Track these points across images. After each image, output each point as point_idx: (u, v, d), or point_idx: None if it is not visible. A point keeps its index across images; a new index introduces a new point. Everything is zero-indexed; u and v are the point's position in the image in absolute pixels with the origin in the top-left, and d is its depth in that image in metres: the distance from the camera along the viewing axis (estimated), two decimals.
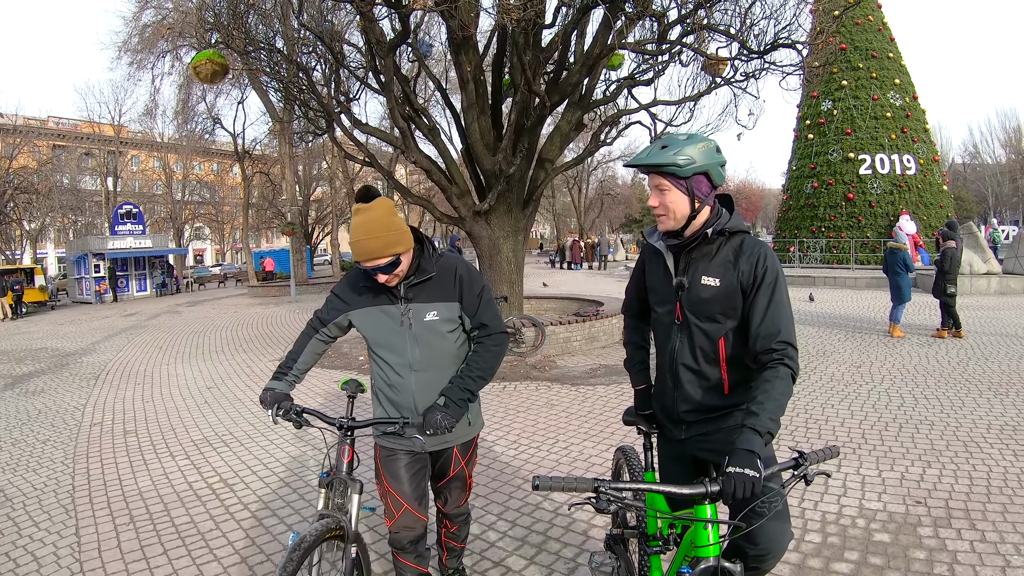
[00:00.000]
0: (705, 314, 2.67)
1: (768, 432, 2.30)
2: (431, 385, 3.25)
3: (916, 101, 29.03)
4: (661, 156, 2.57)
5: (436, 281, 3.24)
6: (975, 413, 7.42)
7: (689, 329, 2.73)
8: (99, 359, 14.09)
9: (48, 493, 6.09)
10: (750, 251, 2.62)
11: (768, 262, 2.59)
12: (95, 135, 52.03)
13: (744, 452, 2.22)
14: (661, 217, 2.72)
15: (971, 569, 4.05)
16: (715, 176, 2.62)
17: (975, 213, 62.11)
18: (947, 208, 28.51)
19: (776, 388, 2.40)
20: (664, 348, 2.89)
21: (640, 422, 3.19)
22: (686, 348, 2.75)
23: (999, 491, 5.22)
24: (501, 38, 12.59)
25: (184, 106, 35.74)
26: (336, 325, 3.39)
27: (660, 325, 2.91)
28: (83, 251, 34.54)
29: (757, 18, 11.37)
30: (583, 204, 64.41)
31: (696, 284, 2.68)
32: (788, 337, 2.51)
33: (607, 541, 3.51)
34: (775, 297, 2.55)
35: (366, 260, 3.02)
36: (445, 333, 3.27)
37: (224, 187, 64.02)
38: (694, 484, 2.27)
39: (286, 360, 3.42)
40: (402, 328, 3.22)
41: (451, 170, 12.63)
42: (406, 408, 3.27)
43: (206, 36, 14.53)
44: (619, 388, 9.29)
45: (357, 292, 3.31)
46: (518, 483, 5.85)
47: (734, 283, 2.60)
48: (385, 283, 3.13)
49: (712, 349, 2.69)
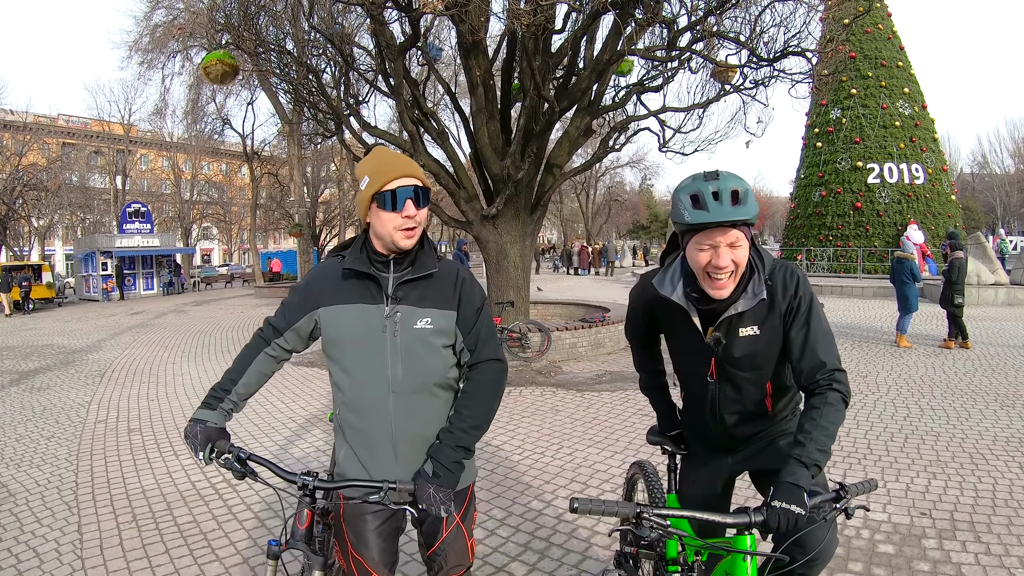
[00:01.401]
0: (748, 366, 2.51)
1: (815, 464, 2.20)
2: (413, 413, 2.52)
3: (925, 110, 28.99)
4: (749, 207, 2.25)
5: (435, 281, 2.55)
6: (981, 424, 7.40)
7: (731, 381, 2.57)
8: (105, 357, 14.12)
9: (51, 489, 6.10)
10: (782, 282, 2.43)
11: (801, 290, 2.43)
12: (105, 134, 52.28)
13: (789, 485, 2.14)
14: (723, 282, 2.35)
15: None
16: None
17: (983, 223, 61.86)
18: (955, 218, 28.45)
19: (825, 416, 2.27)
20: (701, 400, 2.69)
21: (667, 443, 3.03)
22: (728, 398, 2.61)
23: (1004, 503, 5.19)
24: (511, 43, 12.61)
25: (194, 106, 35.82)
26: (296, 333, 2.63)
27: (690, 381, 2.74)
28: (91, 249, 34.64)
29: (767, 25, 11.41)
30: (591, 210, 64.45)
31: (734, 337, 2.47)
32: (833, 363, 2.37)
33: (617, 559, 3.40)
34: (812, 325, 2.40)
35: (400, 175, 2.41)
36: (438, 348, 2.53)
37: (232, 188, 64.18)
38: (737, 514, 2.17)
39: (222, 381, 2.62)
40: (384, 335, 2.47)
41: (459, 174, 12.65)
42: (379, 443, 2.53)
43: (217, 37, 14.58)
44: (624, 394, 9.28)
45: (326, 288, 2.57)
46: (521, 489, 5.83)
47: (776, 325, 2.44)
48: (408, 235, 2.43)
49: (760, 391, 2.58)
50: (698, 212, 2.23)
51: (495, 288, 12.67)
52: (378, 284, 2.50)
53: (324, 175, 45.85)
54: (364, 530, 2.55)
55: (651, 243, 78.05)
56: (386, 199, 2.39)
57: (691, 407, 2.81)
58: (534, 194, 12.69)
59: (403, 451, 2.52)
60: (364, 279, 2.51)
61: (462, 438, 2.48)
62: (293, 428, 8.07)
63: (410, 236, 2.45)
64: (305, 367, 12.16)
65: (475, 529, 4.84)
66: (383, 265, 2.51)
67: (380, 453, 2.53)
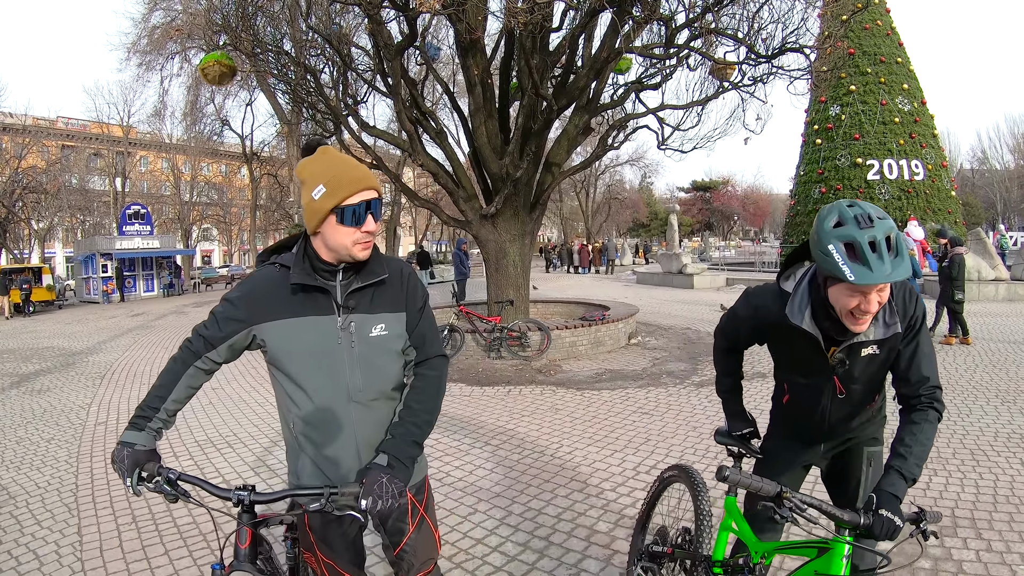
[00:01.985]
0: (866, 381, 2.58)
1: (913, 477, 2.33)
2: (376, 422, 2.46)
3: (924, 106, 28.96)
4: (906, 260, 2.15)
5: (387, 286, 2.45)
6: (982, 421, 7.38)
7: (850, 395, 2.61)
8: (105, 359, 14.12)
9: (51, 492, 6.09)
10: (902, 303, 2.43)
11: (918, 309, 2.47)
12: (104, 136, 52.37)
13: (889, 496, 2.26)
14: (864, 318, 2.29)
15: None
16: None
17: (983, 219, 61.91)
18: (955, 214, 28.43)
19: (924, 432, 2.41)
20: (813, 407, 2.70)
21: (737, 444, 2.97)
22: (844, 407, 2.66)
23: (1006, 500, 5.18)
24: (509, 42, 12.61)
25: (192, 107, 35.92)
26: (231, 347, 2.44)
27: (807, 394, 2.71)
28: (91, 251, 34.66)
29: (765, 22, 11.40)
30: (590, 208, 64.48)
31: (856, 358, 2.49)
32: (936, 380, 2.49)
33: (640, 555, 3.40)
34: (921, 341, 2.48)
35: (365, 187, 2.29)
36: (395, 353, 2.47)
37: (232, 189, 64.24)
38: (851, 512, 2.25)
39: (149, 399, 2.41)
40: (339, 347, 2.37)
41: (458, 173, 12.66)
42: (343, 452, 2.45)
43: (214, 38, 14.63)
44: (624, 393, 9.28)
45: (269, 300, 2.39)
46: (521, 488, 5.81)
47: (896, 344, 2.48)
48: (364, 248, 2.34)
49: (871, 400, 2.69)
50: (859, 268, 2.10)
51: (495, 287, 12.68)
52: (326, 294, 2.38)
53: None
54: (331, 536, 2.49)
55: (651, 241, 78.10)
56: (347, 215, 2.27)
57: (794, 412, 2.86)
58: (533, 193, 12.69)
59: (368, 457, 2.43)
60: (311, 291, 2.38)
61: (416, 433, 2.41)
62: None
63: (367, 248, 2.35)
64: None
65: (474, 528, 4.86)
66: (329, 274, 2.39)
67: (343, 461, 2.46)
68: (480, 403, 9.03)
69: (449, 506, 5.38)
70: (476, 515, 5.22)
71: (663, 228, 54.29)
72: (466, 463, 6.54)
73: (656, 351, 12.51)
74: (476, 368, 11.40)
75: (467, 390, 9.75)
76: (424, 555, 2.62)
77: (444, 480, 6.02)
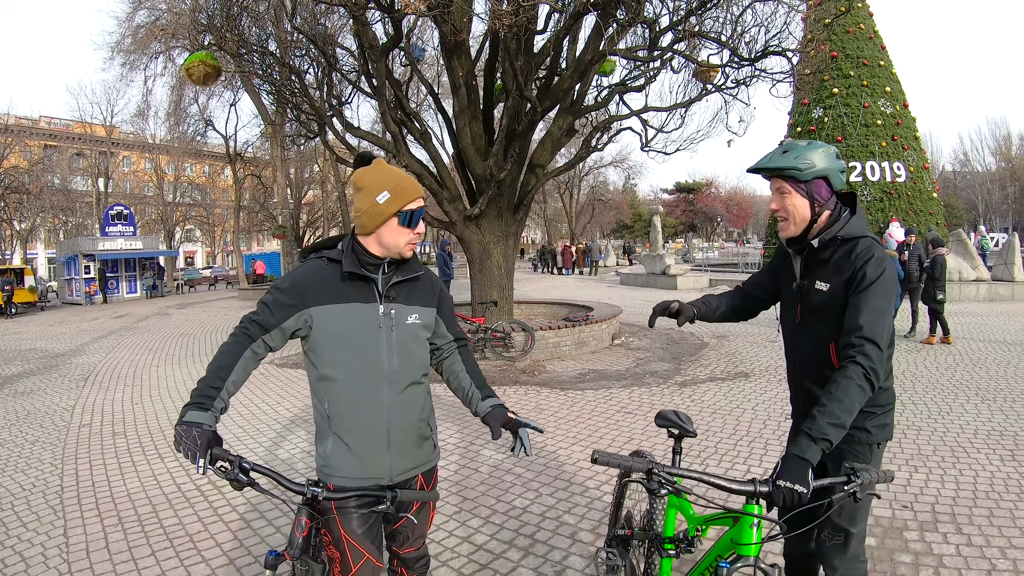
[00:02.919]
0: (817, 318, 2.73)
1: (824, 438, 2.27)
2: (405, 403, 2.70)
3: (907, 109, 29.16)
4: (782, 160, 2.66)
5: (418, 284, 2.80)
6: (963, 419, 7.48)
7: (807, 331, 2.80)
8: (88, 360, 14.06)
9: (36, 494, 6.09)
10: (858, 256, 2.61)
11: (869, 267, 2.55)
12: (87, 135, 51.96)
13: (795, 459, 2.24)
14: (783, 223, 2.78)
15: (957, 572, 4.10)
16: (835, 181, 2.69)
17: (965, 221, 62.47)
18: (937, 216, 28.64)
19: (842, 389, 2.34)
20: (789, 348, 2.98)
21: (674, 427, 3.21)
22: (804, 348, 2.84)
23: (985, 495, 5.27)
24: (493, 43, 12.65)
25: (176, 107, 35.70)
26: (283, 332, 2.65)
27: (786, 324, 2.97)
28: (73, 252, 34.38)
29: (748, 25, 11.48)
30: (574, 210, 64.51)
31: (811, 288, 2.75)
32: (870, 333, 2.43)
33: (609, 542, 3.56)
34: (869, 295, 2.51)
35: (417, 197, 2.67)
36: (424, 341, 2.81)
37: (215, 189, 63.90)
38: (745, 482, 2.27)
39: (209, 379, 2.53)
40: (381, 330, 2.64)
41: (442, 175, 12.67)
42: (374, 433, 2.65)
43: (199, 38, 14.55)
44: (608, 393, 9.33)
45: (317, 288, 2.65)
46: (506, 487, 5.86)
47: (840, 289, 2.62)
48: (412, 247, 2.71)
49: (825, 352, 2.71)
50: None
51: (478, 288, 12.70)
52: (370, 285, 2.68)
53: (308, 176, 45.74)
54: (351, 519, 2.62)
55: (635, 242, 78.21)
56: (407, 218, 2.64)
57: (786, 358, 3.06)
58: (517, 194, 12.72)
59: (396, 439, 2.68)
60: (356, 280, 2.67)
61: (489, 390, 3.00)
62: (277, 430, 8.07)
63: (413, 247, 2.72)
64: (290, 368, 12.15)
65: (459, 527, 4.91)
66: (374, 267, 2.68)
67: (373, 442, 2.65)
68: None
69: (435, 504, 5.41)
70: (461, 514, 5.26)
71: (647, 229, 54.47)
72: (451, 463, 6.57)
73: (639, 351, 12.58)
74: None
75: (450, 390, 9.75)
76: (418, 533, 2.91)
77: None
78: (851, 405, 2.32)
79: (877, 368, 2.39)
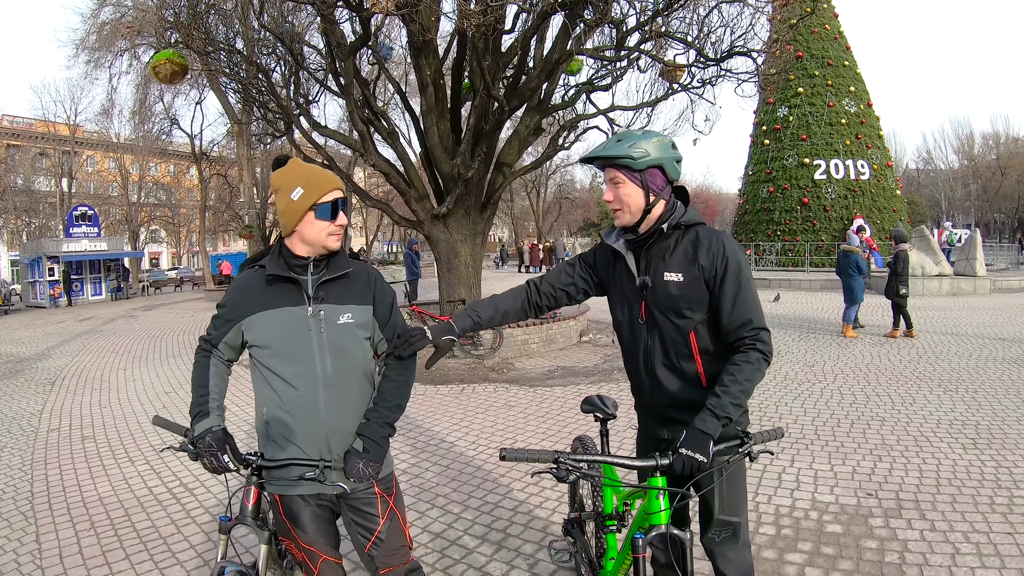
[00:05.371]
0: (672, 310, 2.64)
1: (726, 415, 2.45)
2: (343, 405, 2.72)
3: (871, 108, 29.57)
4: (616, 149, 2.59)
5: (350, 280, 2.77)
6: (925, 409, 7.64)
7: (658, 327, 2.70)
8: (54, 364, 13.89)
9: (7, 500, 6.01)
10: (707, 244, 2.61)
11: (728, 253, 2.58)
12: (50, 135, 51.16)
13: (698, 433, 2.41)
14: (617, 212, 2.70)
15: (921, 557, 4.20)
16: (670, 170, 2.63)
17: (928, 217, 63.30)
18: (900, 212, 29.05)
19: (742, 371, 2.50)
20: (635, 349, 2.83)
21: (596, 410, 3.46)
22: (658, 346, 2.72)
23: (948, 483, 5.39)
24: (461, 43, 12.66)
25: (141, 106, 35.17)
26: (228, 345, 2.78)
27: (625, 328, 2.87)
28: (37, 254, 33.82)
29: (714, 26, 11.62)
30: (541, 208, 64.49)
31: (659, 282, 2.65)
32: (759, 322, 2.57)
33: (565, 526, 3.72)
34: (740, 286, 2.57)
35: (334, 187, 2.68)
36: (361, 339, 2.78)
37: (181, 189, 63.02)
38: (646, 458, 2.47)
39: (195, 392, 2.74)
40: (310, 333, 2.67)
41: (410, 173, 12.68)
42: (311, 437, 2.69)
43: (166, 35, 14.43)
44: (576, 389, 9.40)
45: (249, 297, 2.72)
46: (478, 482, 5.90)
47: (697, 276, 2.59)
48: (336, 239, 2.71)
49: (684, 343, 2.67)
50: None
51: (446, 287, 12.72)
52: (298, 287, 2.70)
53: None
54: (303, 519, 2.75)
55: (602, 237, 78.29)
56: (324, 210, 2.65)
57: (631, 367, 2.92)
58: (484, 193, 12.75)
59: (334, 444, 2.71)
60: (285, 284, 2.70)
61: (388, 415, 2.76)
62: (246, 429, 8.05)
63: (339, 239, 2.73)
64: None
65: (433, 522, 4.93)
66: (301, 269, 2.71)
67: (312, 447, 2.70)
68: (434, 401, 9.08)
69: (407, 502, 5.40)
70: (433, 510, 5.29)
71: None
72: (422, 460, 6.60)
73: (607, 348, 12.65)
74: None
75: (420, 389, 9.78)
76: (395, 545, 2.83)
77: (400, 477, 6.04)
78: (750, 388, 2.51)
79: (769, 349, 2.58)
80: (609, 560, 3.00)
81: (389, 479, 2.90)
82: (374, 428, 2.71)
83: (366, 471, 2.63)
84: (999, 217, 69.66)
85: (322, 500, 2.79)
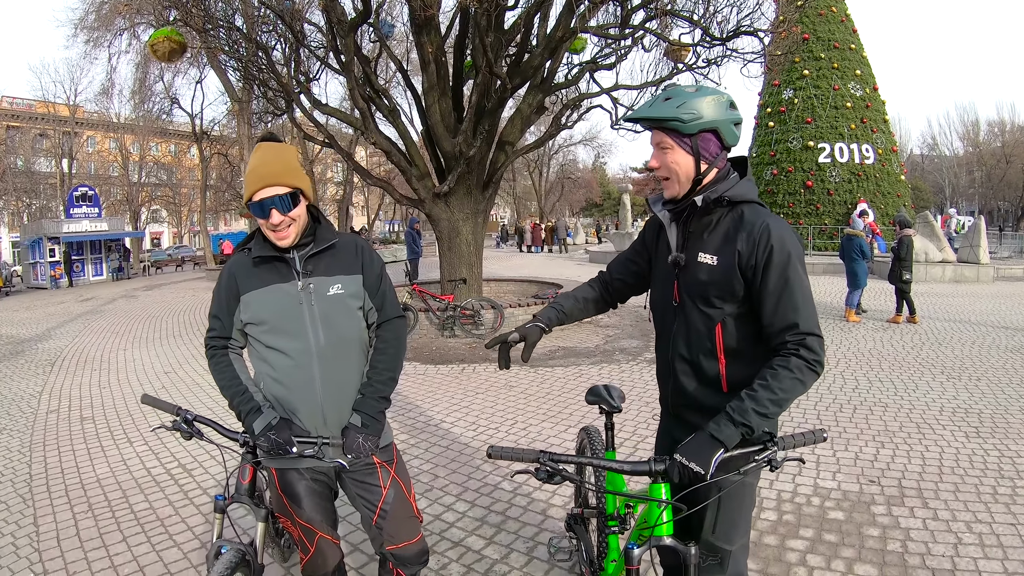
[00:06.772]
0: (701, 296, 2.31)
1: (745, 423, 2.09)
2: (339, 377, 2.74)
3: (876, 92, 29.37)
4: (663, 109, 2.23)
5: (337, 251, 2.75)
6: (928, 396, 7.56)
7: (685, 313, 2.37)
8: (55, 345, 13.83)
9: (5, 482, 5.97)
10: (751, 226, 2.22)
11: (773, 240, 2.17)
12: (50, 115, 50.98)
13: (706, 439, 2.09)
14: (665, 182, 2.34)
15: (923, 546, 4.13)
16: (727, 135, 2.27)
17: (932, 203, 63.23)
18: (904, 198, 28.92)
19: (778, 378, 2.12)
20: (664, 334, 2.53)
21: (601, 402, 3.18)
22: (682, 334, 2.40)
23: (951, 471, 5.32)
24: (463, 19, 12.55)
25: (141, 85, 35.06)
26: (238, 331, 2.79)
27: (659, 308, 2.55)
28: (38, 235, 33.73)
29: (720, 5, 11.52)
30: (544, 187, 64.49)
31: (692, 262, 2.33)
32: (807, 326, 2.15)
33: (568, 520, 3.59)
34: (787, 281, 2.17)
35: (262, 187, 2.55)
36: (353, 309, 2.77)
37: (181, 169, 62.94)
38: (637, 462, 2.17)
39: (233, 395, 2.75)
40: (301, 307, 2.67)
41: (411, 152, 12.59)
42: (308, 411, 2.71)
43: (164, 13, 14.31)
44: (577, 370, 9.34)
45: (241, 279, 2.73)
46: (476, 464, 5.85)
47: (732, 262, 2.22)
48: (278, 236, 2.62)
49: (709, 336, 2.32)
50: None
51: (447, 266, 12.65)
52: (287, 264, 2.71)
53: None
54: (299, 494, 2.75)
55: (603, 220, 78.33)
56: (255, 208, 2.60)
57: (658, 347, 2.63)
58: (486, 172, 12.67)
59: (330, 415, 2.74)
60: (273, 262, 2.71)
61: (382, 389, 2.79)
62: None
63: (284, 236, 2.63)
64: None
65: (431, 504, 4.86)
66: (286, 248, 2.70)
67: (309, 419, 2.72)
68: (434, 381, 9.02)
69: None
70: (433, 491, 5.25)
71: (616, 208, 54.52)
72: (422, 440, 6.54)
73: (609, 328, 12.59)
74: (430, 347, 11.37)
75: (421, 368, 9.73)
76: (403, 516, 2.85)
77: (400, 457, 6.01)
78: (784, 396, 2.11)
79: (822, 358, 2.18)
80: (611, 563, 2.87)
81: (389, 449, 2.92)
82: (370, 403, 2.74)
83: (365, 445, 2.65)
84: (1003, 205, 69.45)
85: (318, 474, 2.80)
